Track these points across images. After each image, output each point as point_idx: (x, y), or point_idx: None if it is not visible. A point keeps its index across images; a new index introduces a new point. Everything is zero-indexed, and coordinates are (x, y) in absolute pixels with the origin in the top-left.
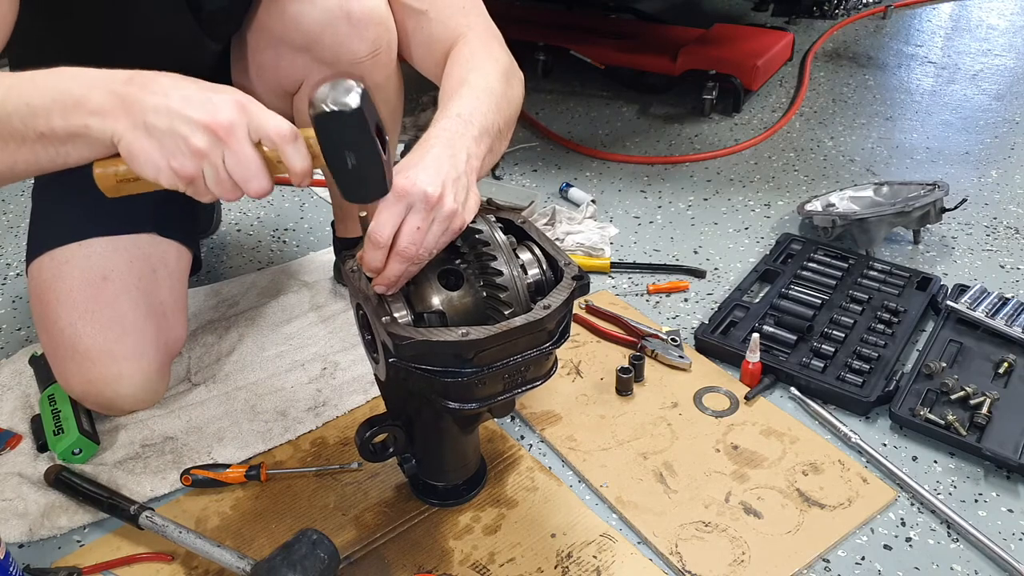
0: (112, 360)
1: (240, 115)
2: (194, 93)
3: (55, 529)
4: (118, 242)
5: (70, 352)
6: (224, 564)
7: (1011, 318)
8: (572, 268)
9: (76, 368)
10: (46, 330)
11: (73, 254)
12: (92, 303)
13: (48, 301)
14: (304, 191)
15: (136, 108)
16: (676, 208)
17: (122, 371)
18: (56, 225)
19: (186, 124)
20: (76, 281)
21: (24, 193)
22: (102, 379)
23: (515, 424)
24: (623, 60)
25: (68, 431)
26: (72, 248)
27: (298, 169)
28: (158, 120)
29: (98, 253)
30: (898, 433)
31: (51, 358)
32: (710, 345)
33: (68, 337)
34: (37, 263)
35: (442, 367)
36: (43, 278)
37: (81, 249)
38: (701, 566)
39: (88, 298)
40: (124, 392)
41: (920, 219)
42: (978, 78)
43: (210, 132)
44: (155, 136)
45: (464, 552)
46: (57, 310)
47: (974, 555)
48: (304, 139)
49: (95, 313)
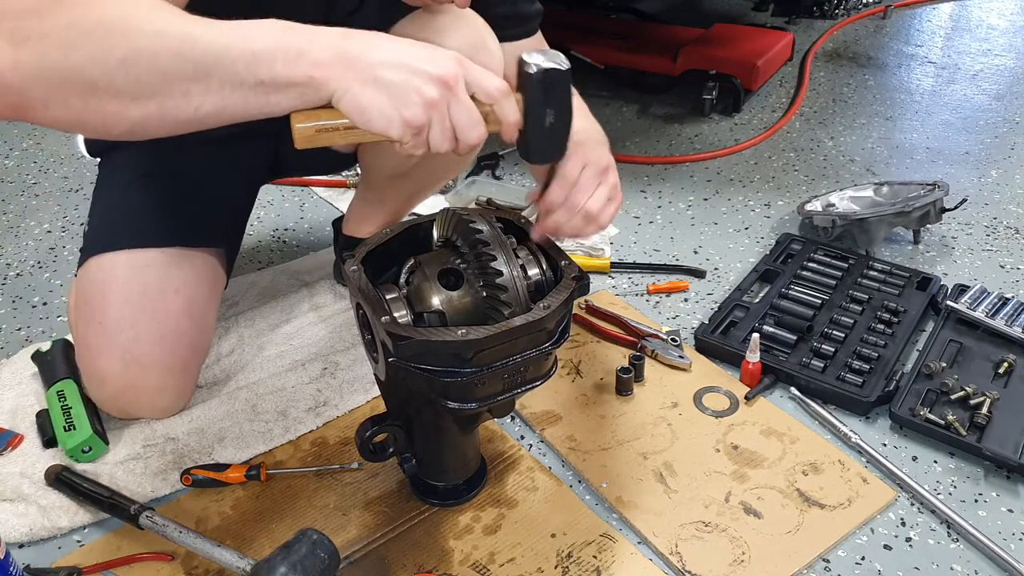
0: (160, 372)
1: (460, 69)
2: (417, 49)
3: (55, 529)
4: (192, 256)
5: (121, 352)
6: (224, 564)
7: (1011, 318)
8: (572, 268)
9: (121, 369)
10: (98, 324)
11: (152, 259)
12: (160, 312)
13: (111, 298)
14: (304, 191)
15: (361, 63)
16: (676, 208)
17: (167, 384)
18: (134, 224)
19: (418, 76)
20: (149, 287)
21: (24, 193)
22: (144, 387)
23: (515, 424)
24: (623, 60)
25: (80, 428)
26: (151, 253)
27: (512, 120)
28: (390, 73)
29: (174, 263)
30: (898, 433)
31: (91, 354)
32: (710, 345)
33: (125, 338)
34: (107, 258)
35: (442, 367)
36: (112, 274)
37: (161, 256)
38: (701, 566)
39: (158, 307)
40: (159, 404)
41: (920, 219)
42: (978, 78)
43: (441, 83)
44: (387, 88)
45: (464, 552)
46: (120, 309)
47: (974, 555)
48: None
49: (160, 323)
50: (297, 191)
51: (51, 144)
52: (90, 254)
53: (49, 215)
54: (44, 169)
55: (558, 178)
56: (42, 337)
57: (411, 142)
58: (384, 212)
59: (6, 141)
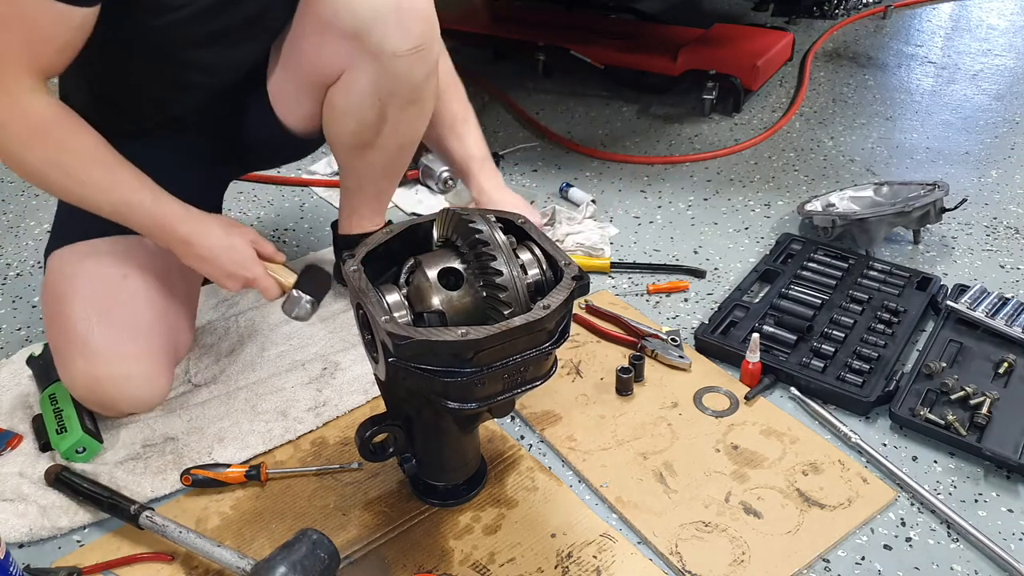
0: (122, 360)
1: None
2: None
3: (55, 529)
4: (141, 241)
5: (80, 348)
6: (224, 564)
7: (1011, 318)
8: (572, 268)
9: (84, 365)
10: (57, 324)
11: (95, 249)
12: (109, 301)
13: (64, 294)
14: (304, 191)
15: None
16: (676, 208)
17: (131, 372)
18: (80, 219)
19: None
20: (95, 277)
21: (25, 193)
22: (110, 378)
23: (515, 424)
24: (623, 60)
25: (71, 430)
26: (94, 243)
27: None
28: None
29: (119, 251)
30: (898, 433)
31: (58, 353)
32: (710, 345)
33: (81, 332)
34: (57, 255)
35: (442, 367)
36: (62, 271)
37: (103, 245)
38: (701, 566)
39: (105, 296)
40: (129, 393)
41: (920, 219)
42: (978, 78)
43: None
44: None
45: (464, 552)
46: (72, 304)
47: (974, 555)
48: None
49: (110, 311)
50: (297, 191)
51: None
52: (46, 255)
53: (49, 215)
54: None
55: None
56: (42, 337)
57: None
58: (367, 197)
59: None
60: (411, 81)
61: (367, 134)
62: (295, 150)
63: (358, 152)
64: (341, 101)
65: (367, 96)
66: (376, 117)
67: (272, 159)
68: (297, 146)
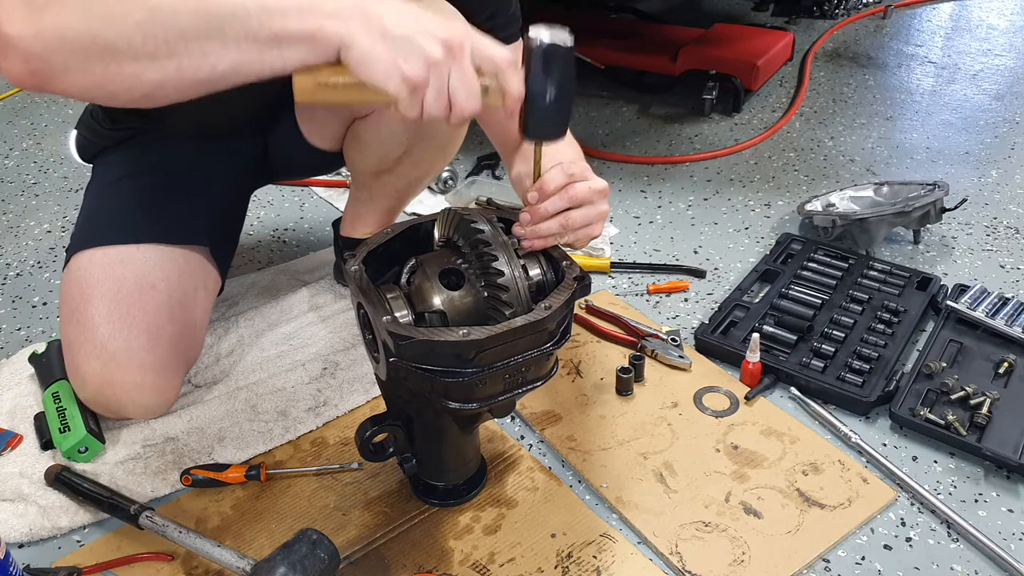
0: (139, 368)
1: (467, 38)
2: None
3: (55, 529)
4: (174, 253)
5: (99, 349)
6: (224, 564)
7: (1011, 318)
8: (573, 268)
9: (99, 367)
10: (78, 323)
11: (128, 255)
12: (136, 308)
13: (89, 295)
14: (304, 191)
15: (373, 15)
16: (676, 208)
17: (145, 381)
18: (114, 221)
19: (425, 35)
20: (123, 283)
21: (24, 193)
22: (122, 384)
23: (515, 424)
24: (623, 60)
25: (75, 429)
26: (128, 249)
27: (515, 92)
28: (398, 29)
29: (152, 260)
30: (898, 433)
31: (72, 352)
32: (710, 345)
33: (101, 335)
34: (86, 256)
35: (443, 367)
36: (89, 271)
37: (138, 252)
38: (701, 566)
39: (133, 302)
40: (139, 401)
41: (920, 219)
42: (978, 78)
43: (446, 46)
44: (392, 42)
45: (464, 552)
46: (96, 306)
47: (974, 555)
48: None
49: (135, 319)
50: (297, 191)
51: (51, 144)
52: (71, 253)
53: (49, 215)
54: (44, 169)
55: (558, 165)
56: (42, 337)
57: (407, 101)
58: (376, 211)
59: (6, 141)
60: (443, 129)
61: (387, 164)
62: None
63: (375, 176)
64: (369, 136)
65: (396, 135)
66: (401, 154)
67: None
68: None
